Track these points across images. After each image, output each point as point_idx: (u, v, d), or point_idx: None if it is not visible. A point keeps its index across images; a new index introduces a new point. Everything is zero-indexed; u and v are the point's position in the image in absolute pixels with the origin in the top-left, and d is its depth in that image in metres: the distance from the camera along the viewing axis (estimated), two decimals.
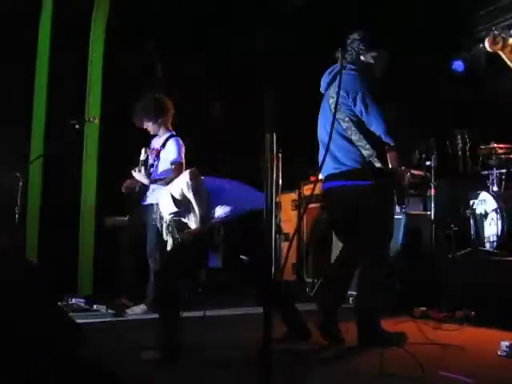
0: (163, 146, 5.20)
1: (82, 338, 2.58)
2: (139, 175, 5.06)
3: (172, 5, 6.64)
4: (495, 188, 5.65)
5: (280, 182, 6.20)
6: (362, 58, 3.74)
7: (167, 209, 3.66)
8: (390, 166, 3.63)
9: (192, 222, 3.70)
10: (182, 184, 3.65)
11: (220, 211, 3.65)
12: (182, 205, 3.64)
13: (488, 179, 5.77)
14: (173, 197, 3.63)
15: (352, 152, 3.60)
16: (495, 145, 5.65)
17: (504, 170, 5.68)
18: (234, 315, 4.99)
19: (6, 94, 5.85)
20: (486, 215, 5.50)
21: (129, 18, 6.52)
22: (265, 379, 1.91)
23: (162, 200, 3.71)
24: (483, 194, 5.59)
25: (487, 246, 5.42)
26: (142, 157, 5.21)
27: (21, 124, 6.11)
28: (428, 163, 5.40)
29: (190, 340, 3.38)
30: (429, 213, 5.43)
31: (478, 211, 5.58)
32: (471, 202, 5.63)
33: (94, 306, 5.09)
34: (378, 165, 3.55)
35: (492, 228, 5.43)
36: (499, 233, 5.33)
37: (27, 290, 2.54)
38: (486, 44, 3.11)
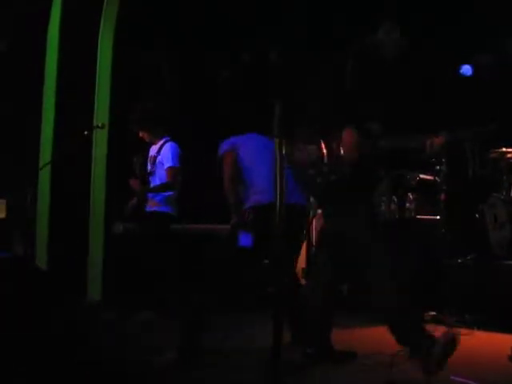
0: (159, 152, 5.22)
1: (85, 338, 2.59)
2: (134, 183, 5.11)
3: (181, 10, 6.69)
4: (505, 193, 5.62)
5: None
6: None
7: None
8: None
9: None
10: None
11: (251, 197, 3.91)
12: None
13: (498, 184, 5.73)
14: None
15: None
16: (505, 149, 5.62)
17: None
18: (243, 318, 4.97)
19: (14, 101, 5.90)
20: (495, 220, 5.47)
21: (138, 24, 6.56)
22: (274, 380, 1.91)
23: None
24: (493, 199, 5.56)
25: (497, 250, 5.39)
26: (135, 164, 5.25)
27: (29, 131, 6.15)
28: (438, 167, 5.37)
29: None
30: (438, 217, 5.40)
31: (487, 216, 5.54)
32: (481, 206, 5.60)
33: None
34: None
35: (501, 233, 5.39)
36: (509, 237, 5.29)
37: (36, 293, 2.55)
38: None
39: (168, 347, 3.32)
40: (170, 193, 5.17)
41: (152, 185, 5.21)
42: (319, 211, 6.07)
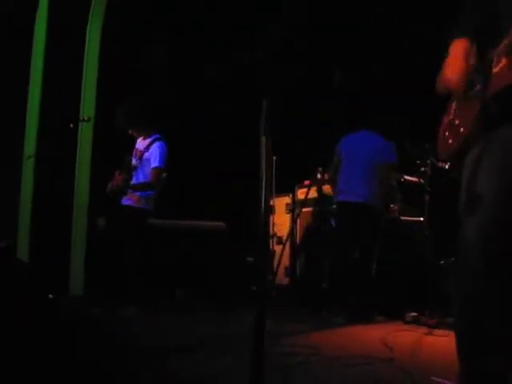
0: (147, 148, 5.18)
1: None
2: (118, 178, 5.08)
3: (169, 7, 6.66)
4: None
5: (273, 186, 6.23)
6: None
7: None
8: None
9: None
10: None
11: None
12: None
13: None
14: None
15: None
16: None
17: None
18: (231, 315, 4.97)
19: (0, 93, 5.84)
20: None
21: (125, 18, 6.51)
22: (256, 379, 1.91)
23: None
24: None
25: None
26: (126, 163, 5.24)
27: (14, 123, 6.09)
28: (423, 169, 5.38)
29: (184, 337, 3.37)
30: (422, 218, 5.43)
31: None
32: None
33: None
34: None
35: None
36: None
37: (18, 287, 2.52)
38: None
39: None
40: (151, 192, 5.16)
41: (134, 179, 5.19)
42: (303, 210, 6.12)
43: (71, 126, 5.22)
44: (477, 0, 2.15)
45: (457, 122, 2.11)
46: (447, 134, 2.17)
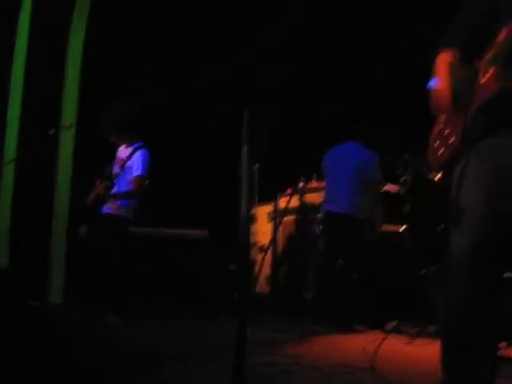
0: (130, 156, 5.15)
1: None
2: (99, 187, 5.05)
3: (153, 11, 6.64)
4: None
5: (255, 194, 6.23)
6: None
7: None
8: None
9: None
10: None
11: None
12: None
13: None
14: None
15: None
16: None
17: None
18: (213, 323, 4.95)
19: None
20: None
21: (109, 22, 6.47)
22: None
23: None
24: None
25: None
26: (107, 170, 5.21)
27: None
28: (403, 178, 5.42)
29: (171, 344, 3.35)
30: (402, 228, 5.45)
31: None
32: (445, 217, 5.66)
33: None
34: None
35: None
36: None
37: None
38: None
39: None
40: (132, 200, 5.13)
41: (116, 187, 5.14)
42: (286, 218, 6.14)
43: (51, 132, 5.15)
44: (471, 3, 2.17)
45: (447, 131, 2.12)
46: (438, 143, 2.18)
